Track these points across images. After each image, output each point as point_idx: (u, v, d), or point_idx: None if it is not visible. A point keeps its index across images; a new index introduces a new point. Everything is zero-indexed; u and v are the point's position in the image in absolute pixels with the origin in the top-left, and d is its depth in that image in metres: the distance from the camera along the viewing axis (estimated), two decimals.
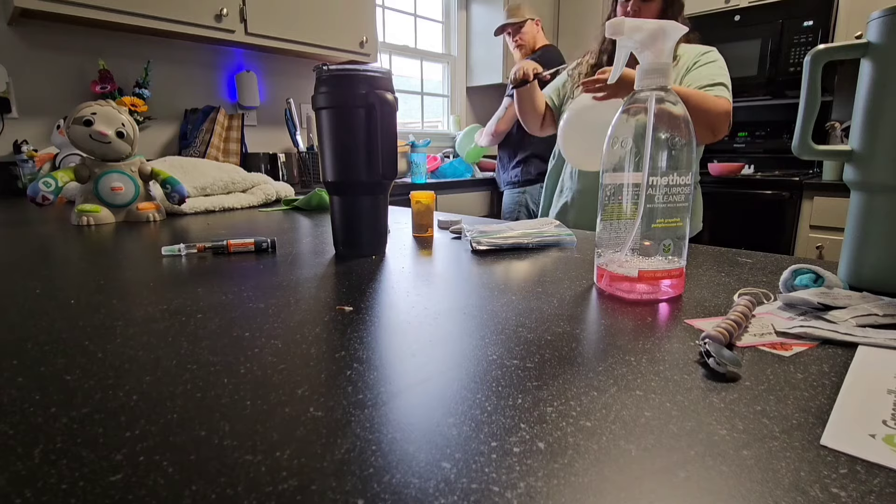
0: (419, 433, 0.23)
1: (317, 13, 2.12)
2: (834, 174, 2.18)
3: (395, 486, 0.19)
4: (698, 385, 0.27)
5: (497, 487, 0.19)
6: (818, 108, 0.46)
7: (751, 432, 0.23)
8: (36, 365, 0.30)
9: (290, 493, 0.19)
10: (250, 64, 2.29)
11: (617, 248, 0.44)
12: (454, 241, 0.72)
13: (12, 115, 1.72)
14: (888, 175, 0.42)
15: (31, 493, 0.19)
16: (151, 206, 0.97)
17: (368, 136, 0.58)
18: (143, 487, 0.19)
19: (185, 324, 0.37)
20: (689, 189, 0.42)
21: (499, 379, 0.28)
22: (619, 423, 0.24)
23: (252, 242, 0.64)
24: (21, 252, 0.66)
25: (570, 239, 0.67)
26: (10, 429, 0.23)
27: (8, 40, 1.70)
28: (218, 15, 1.84)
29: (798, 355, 0.31)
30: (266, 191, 1.27)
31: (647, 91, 0.42)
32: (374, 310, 0.41)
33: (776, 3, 2.39)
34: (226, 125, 2.07)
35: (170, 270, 0.55)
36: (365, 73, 0.57)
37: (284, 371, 0.29)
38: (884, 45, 0.42)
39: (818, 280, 0.43)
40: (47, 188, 0.90)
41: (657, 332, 0.35)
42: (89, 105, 0.92)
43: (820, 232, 2.11)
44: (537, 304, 0.42)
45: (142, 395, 0.26)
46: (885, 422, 0.23)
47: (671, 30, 0.42)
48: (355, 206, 0.61)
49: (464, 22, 3.27)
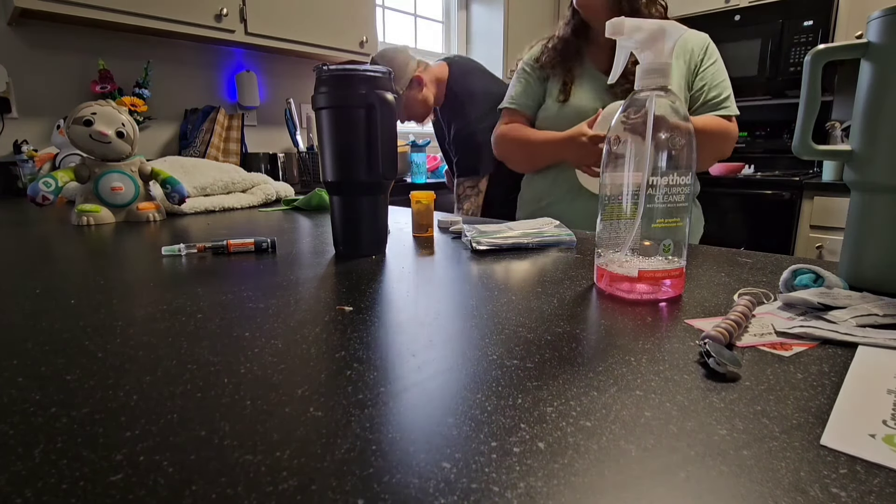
0: (419, 433, 0.23)
1: (317, 13, 2.12)
2: (834, 174, 2.18)
3: (395, 486, 0.19)
4: (698, 385, 0.27)
5: (497, 487, 0.19)
6: (818, 108, 0.46)
7: (751, 432, 0.23)
8: (36, 365, 0.30)
9: (290, 493, 0.19)
10: (250, 64, 2.29)
11: (617, 248, 0.44)
12: (454, 241, 0.72)
13: (12, 115, 1.72)
14: (888, 175, 0.42)
15: (31, 493, 0.19)
16: (151, 206, 0.97)
17: (368, 136, 0.58)
18: (143, 487, 0.19)
19: (185, 324, 0.37)
20: (689, 189, 0.42)
21: (499, 379, 0.28)
22: (619, 423, 0.24)
23: (252, 242, 0.64)
24: (21, 252, 0.66)
25: (570, 239, 0.67)
26: (10, 429, 0.23)
27: (8, 40, 1.70)
28: (218, 15, 1.84)
29: (798, 355, 0.31)
30: (266, 191, 1.27)
31: (647, 91, 0.42)
32: (374, 310, 0.41)
33: (776, 3, 2.39)
34: (226, 125, 2.07)
35: (170, 270, 0.55)
36: (365, 73, 0.57)
37: (284, 371, 0.29)
38: (884, 45, 0.42)
39: (818, 280, 0.43)
40: (47, 188, 0.90)
41: (657, 332, 0.35)
42: (89, 105, 0.92)
43: (820, 232, 2.11)
44: (537, 304, 0.42)
45: (142, 395, 0.26)
46: (885, 422, 0.23)
47: (671, 30, 0.42)
48: (355, 206, 0.61)
49: (464, 22, 3.27)
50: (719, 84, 1.03)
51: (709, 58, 1.05)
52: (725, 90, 1.03)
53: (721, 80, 1.04)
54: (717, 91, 1.03)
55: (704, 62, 1.05)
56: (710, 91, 1.03)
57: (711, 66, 1.04)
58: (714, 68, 1.04)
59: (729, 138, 1.03)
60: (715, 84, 1.03)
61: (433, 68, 1.57)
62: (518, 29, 3.16)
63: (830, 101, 2.49)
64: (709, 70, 1.04)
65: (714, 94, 1.03)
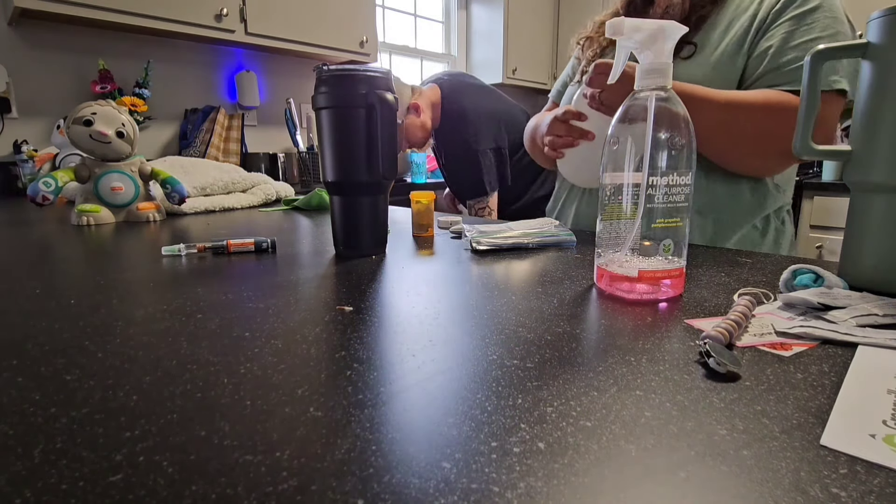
0: (419, 433, 0.23)
1: (317, 13, 2.12)
2: (834, 174, 2.18)
3: (395, 486, 0.19)
4: (698, 385, 0.27)
5: (497, 487, 0.19)
6: (818, 107, 0.46)
7: (751, 432, 0.23)
8: (36, 365, 0.30)
9: (290, 493, 0.19)
10: (250, 64, 2.29)
11: (617, 248, 0.44)
12: (454, 241, 0.72)
13: (12, 115, 1.73)
14: (888, 175, 0.42)
15: (31, 493, 0.19)
16: (151, 206, 0.97)
17: (368, 136, 0.58)
18: (143, 487, 0.19)
19: (185, 324, 0.37)
20: (689, 189, 0.42)
21: (499, 379, 0.28)
22: (619, 423, 0.24)
23: (252, 242, 0.64)
24: (21, 252, 0.66)
25: (569, 239, 0.67)
26: (10, 429, 0.23)
27: (8, 40, 1.70)
28: (218, 15, 1.84)
29: (798, 355, 0.31)
30: (266, 191, 1.27)
31: (647, 91, 0.42)
32: (374, 310, 0.41)
33: None
34: (226, 125, 2.07)
35: (170, 270, 0.55)
36: (365, 73, 0.57)
37: (284, 371, 0.29)
38: (884, 45, 0.42)
39: (818, 280, 0.43)
40: (47, 188, 0.90)
41: (657, 332, 0.35)
42: (89, 105, 0.92)
43: (820, 232, 2.11)
44: (537, 304, 0.42)
45: (142, 395, 0.26)
46: (885, 422, 0.23)
47: (671, 30, 0.42)
48: (355, 206, 0.61)
49: (464, 22, 3.27)
50: (801, 45, 0.67)
51: (796, 6, 0.68)
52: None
53: (808, 39, 0.67)
54: (793, 54, 0.67)
55: (787, 13, 0.69)
56: (779, 56, 0.68)
57: (793, 20, 0.68)
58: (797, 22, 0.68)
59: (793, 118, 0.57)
60: (791, 45, 0.67)
61: (426, 92, 1.54)
62: (518, 29, 3.16)
63: None
64: (783, 25, 0.68)
65: (786, 60, 0.68)
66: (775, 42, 0.69)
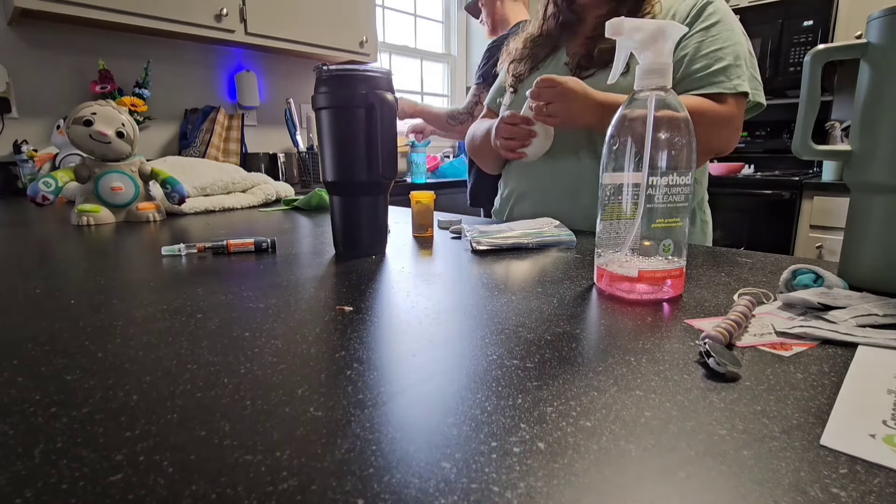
0: (419, 433, 0.23)
1: (317, 13, 2.12)
2: (834, 174, 2.18)
3: (395, 486, 0.19)
4: (698, 385, 0.27)
5: (497, 487, 0.19)
6: (818, 108, 0.46)
7: (751, 432, 0.23)
8: (36, 365, 0.30)
9: (290, 493, 0.19)
10: (250, 64, 2.29)
11: (617, 248, 0.44)
12: (454, 241, 0.72)
13: (12, 115, 1.72)
14: (887, 175, 0.42)
15: (31, 493, 0.19)
16: (151, 206, 0.97)
17: (368, 136, 0.58)
18: (143, 487, 0.19)
19: (185, 324, 0.37)
20: (690, 189, 0.42)
21: (499, 379, 0.28)
22: (619, 423, 0.24)
23: (252, 242, 0.64)
24: (21, 252, 0.66)
25: (569, 239, 0.67)
26: (10, 429, 0.23)
27: (8, 40, 1.70)
28: (218, 15, 1.84)
29: (798, 355, 0.31)
30: (266, 191, 1.27)
31: (647, 91, 0.42)
32: (374, 310, 0.41)
33: (776, 3, 2.39)
34: (226, 125, 2.07)
35: (170, 270, 0.55)
36: (365, 73, 0.57)
37: (284, 371, 0.29)
38: (883, 45, 0.42)
39: (818, 280, 0.43)
40: (47, 188, 0.90)
41: (657, 332, 0.35)
42: (89, 105, 0.92)
43: (820, 232, 2.11)
44: (537, 304, 0.42)
45: (142, 395, 0.26)
46: (885, 422, 0.23)
47: (671, 30, 0.42)
48: (355, 206, 0.61)
49: (464, 22, 3.27)
50: (708, 54, 0.76)
51: (702, 21, 0.79)
52: (718, 61, 0.75)
53: (713, 50, 0.76)
54: (702, 63, 0.76)
55: (695, 27, 0.79)
56: (691, 64, 0.77)
57: (701, 32, 0.78)
58: (704, 35, 0.78)
59: (714, 123, 0.74)
60: (701, 54, 0.77)
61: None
62: None
63: (830, 101, 2.49)
64: (694, 37, 0.78)
65: (697, 67, 0.77)
66: (689, 52, 0.78)
